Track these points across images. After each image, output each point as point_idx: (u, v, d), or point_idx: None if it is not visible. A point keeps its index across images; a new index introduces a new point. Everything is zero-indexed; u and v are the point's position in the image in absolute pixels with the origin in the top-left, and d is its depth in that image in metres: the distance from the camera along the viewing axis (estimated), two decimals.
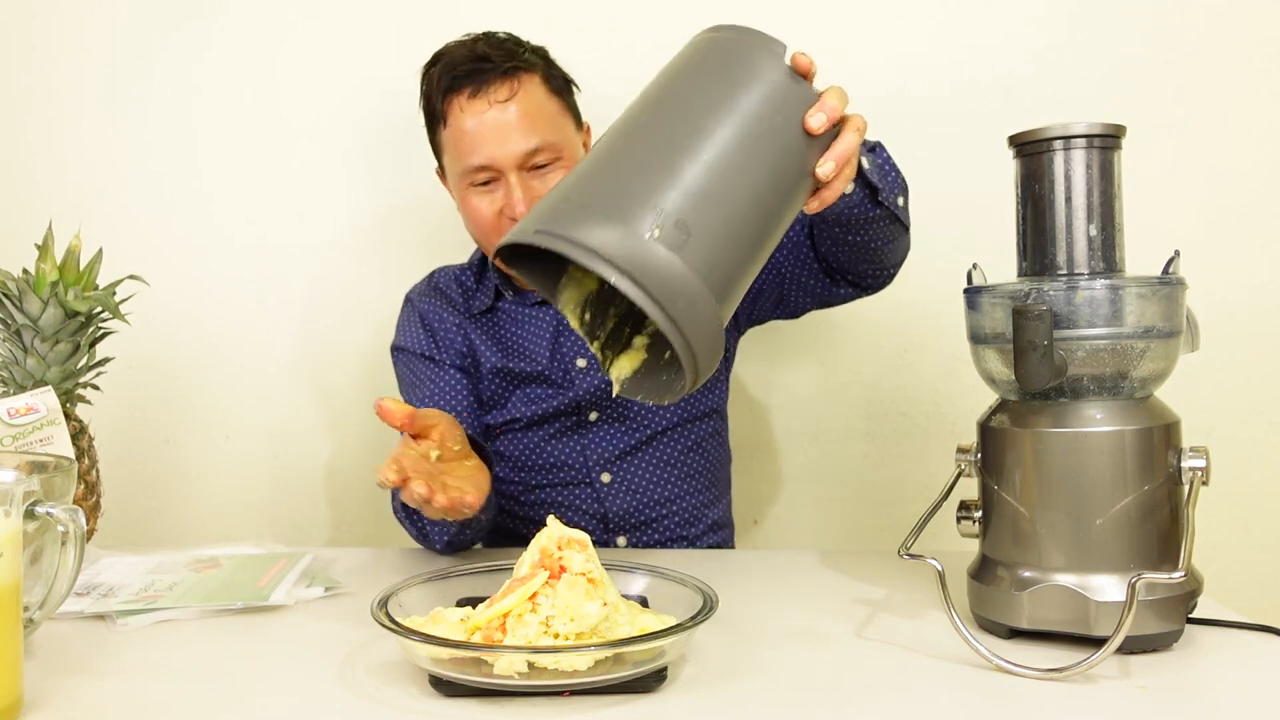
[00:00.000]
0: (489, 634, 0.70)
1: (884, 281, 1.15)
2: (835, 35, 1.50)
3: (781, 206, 0.75)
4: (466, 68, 1.15)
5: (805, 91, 0.76)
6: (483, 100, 1.14)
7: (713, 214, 0.69)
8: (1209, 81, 1.47)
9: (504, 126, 1.14)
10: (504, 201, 1.16)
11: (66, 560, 0.75)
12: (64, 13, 1.58)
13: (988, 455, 0.83)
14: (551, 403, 1.23)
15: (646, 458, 1.25)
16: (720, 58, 0.77)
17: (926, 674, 0.74)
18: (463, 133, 1.15)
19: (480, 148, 1.14)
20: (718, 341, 0.69)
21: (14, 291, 1.09)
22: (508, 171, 1.14)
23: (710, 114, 0.73)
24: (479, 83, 1.15)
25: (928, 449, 1.52)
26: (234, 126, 1.57)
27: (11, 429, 1.01)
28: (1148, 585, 0.74)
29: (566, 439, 1.24)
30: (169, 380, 1.59)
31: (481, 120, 1.14)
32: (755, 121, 0.73)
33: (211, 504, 1.60)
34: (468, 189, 1.18)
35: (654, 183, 0.69)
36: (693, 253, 0.67)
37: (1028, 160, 0.82)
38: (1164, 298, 0.78)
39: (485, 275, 1.29)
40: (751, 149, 0.72)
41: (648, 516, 1.25)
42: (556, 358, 1.24)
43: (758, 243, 0.73)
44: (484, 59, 1.16)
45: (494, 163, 1.14)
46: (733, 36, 0.78)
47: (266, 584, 0.98)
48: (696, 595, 0.77)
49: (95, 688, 0.75)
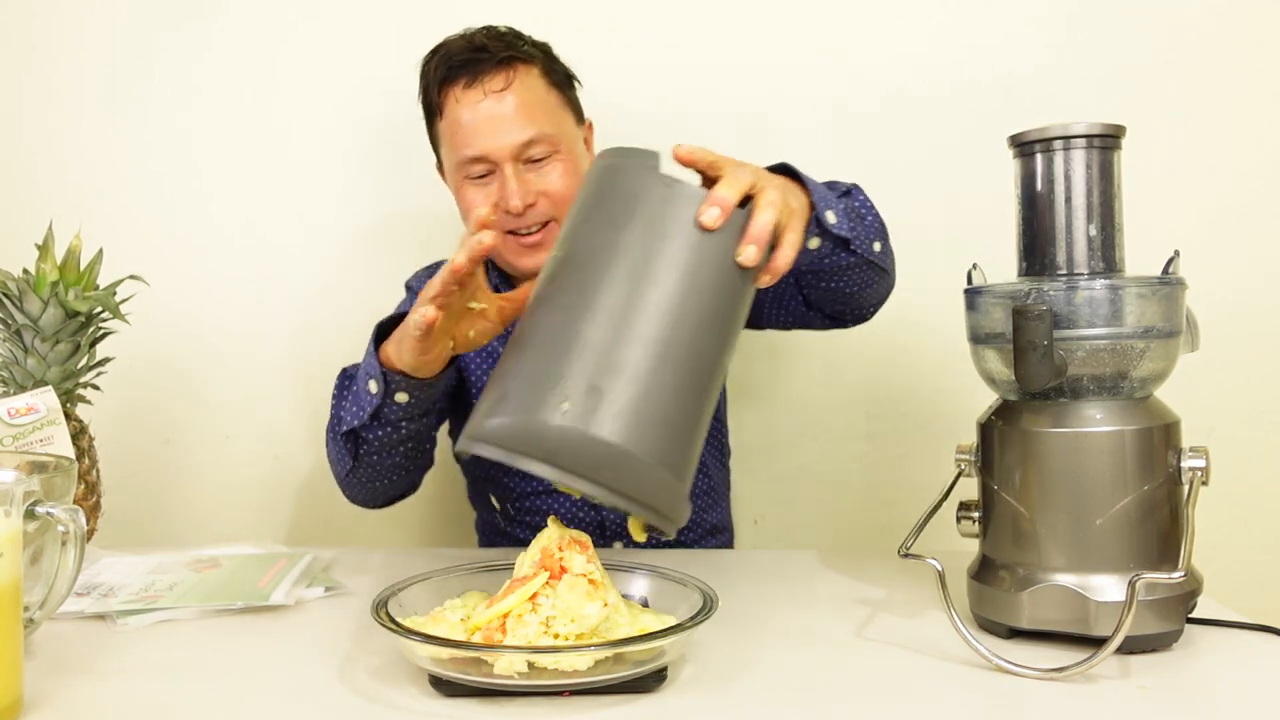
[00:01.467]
0: (489, 634, 0.70)
1: (861, 319, 1.13)
2: (835, 35, 1.50)
3: (715, 315, 0.70)
4: (463, 58, 1.14)
5: (690, 193, 0.70)
6: (478, 90, 1.13)
7: (627, 361, 0.66)
8: (1209, 81, 1.47)
9: (499, 117, 1.12)
10: (499, 194, 1.14)
11: (66, 560, 0.75)
12: (64, 13, 1.58)
13: (988, 455, 0.83)
14: None
15: None
16: (598, 196, 0.73)
17: (926, 674, 0.74)
18: (458, 124, 1.14)
19: (475, 139, 1.12)
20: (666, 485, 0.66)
21: (14, 291, 1.09)
22: (503, 163, 1.13)
23: (597, 261, 0.69)
24: (474, 73, 1.13)
25: (928, 449, 1.52)
26: (234, 127, 1.57)
27: (11, 429, 1.01)
28: (1147, 585, 0.74)
29: None
30: (169, 380, 1.59)
31: (476, 110, 1.12)
32: (642, 250, 0.69)
33: (211, 504, 1.60)
34: (464, 182, 1.16)
35: (557, 357, 0.66)
36: (610, 409, 0.64)
37: (1028, 160, 0.82)
38: (1164, 298, 0.78)
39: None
40: (649, 278, 0.68)
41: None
42: None
43: (696, 359, 0.69)
44: (481, 49, 1.14)
45: (489, 154, 1.12)
46: (605, 165, 0.74)
47: (266, 584, 0.98)
48: (696, 595, 0.77)
49: (95, 688, 0.75)
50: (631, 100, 1.46)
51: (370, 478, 1.08)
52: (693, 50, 1.50)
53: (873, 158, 1.50)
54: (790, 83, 1.50)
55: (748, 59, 1.50)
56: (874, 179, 1.24)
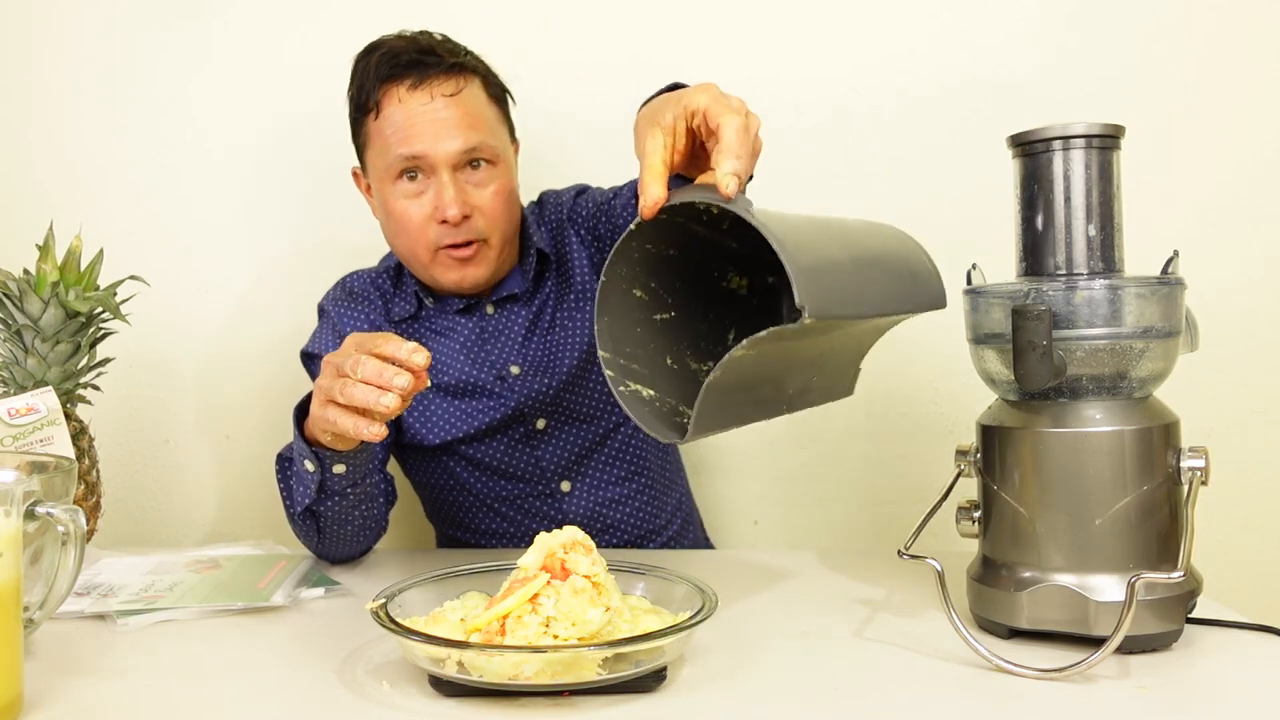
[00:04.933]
0: (489, 635, 0.70)
1: None
2: (835, 35, 1.50)
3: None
4: (409, 58, 1.11)
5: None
6: (425, 92, 1.10)
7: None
8: (1208, 81, 1.47)
9: (444, 121, 1.10)
10: (434, 204, 1.11)
11: (66, 560, 0.75)
12: (64, 12, 1.58)
13: (988, 455, 0.83)
14: (493, 414, 1.18)
15: (604, 458, 1.22)
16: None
17: (926, 674, 0.74)
18: (396, 123, 1.10)
19: (415, 140, 1.09)
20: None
21: (14, 291, 1.10)
22: (440, 168, 1.10)
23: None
24: (422, 74, 1.10)
25: (928, 449, 1.52)
26: (235, 126, 1.57)
27: (12, 429, 1.01)
28: (1147, 585, 0.74)
29: (519, 451, 1.20)
30: (169, 380, 1.59)
31: (421, 112, 1.09)
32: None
33: (211, 504, 1.60)
34: (393, 186, 1.12)
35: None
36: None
37: (1027, 160, 0.82)
38: (1163, 298, 0.78)
39: (403, 280, 1.23)
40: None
41: (610, 519, 1.22)
42: (486, 366, 1.19)
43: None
44: (429, 52, 1.12)
45: (428, 156, 1.09)
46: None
47: (266, 585, 0.98)
48: (696, 595, 0.77)
49: (95, 688, 0.75)
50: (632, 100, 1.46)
51: (340, 542, 1.07)
52: (692, 50, 1.50)
53: (873, 158, 1.50)
54: (790, 83, 1.50)
55: (747, 59, 1.50)
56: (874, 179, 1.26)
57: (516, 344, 1.20)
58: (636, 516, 1.24)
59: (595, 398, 1.21)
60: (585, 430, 1.21)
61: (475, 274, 1.15)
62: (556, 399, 1.20)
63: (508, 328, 1.21)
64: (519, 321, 1.21)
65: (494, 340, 1.20)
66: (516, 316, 1.21)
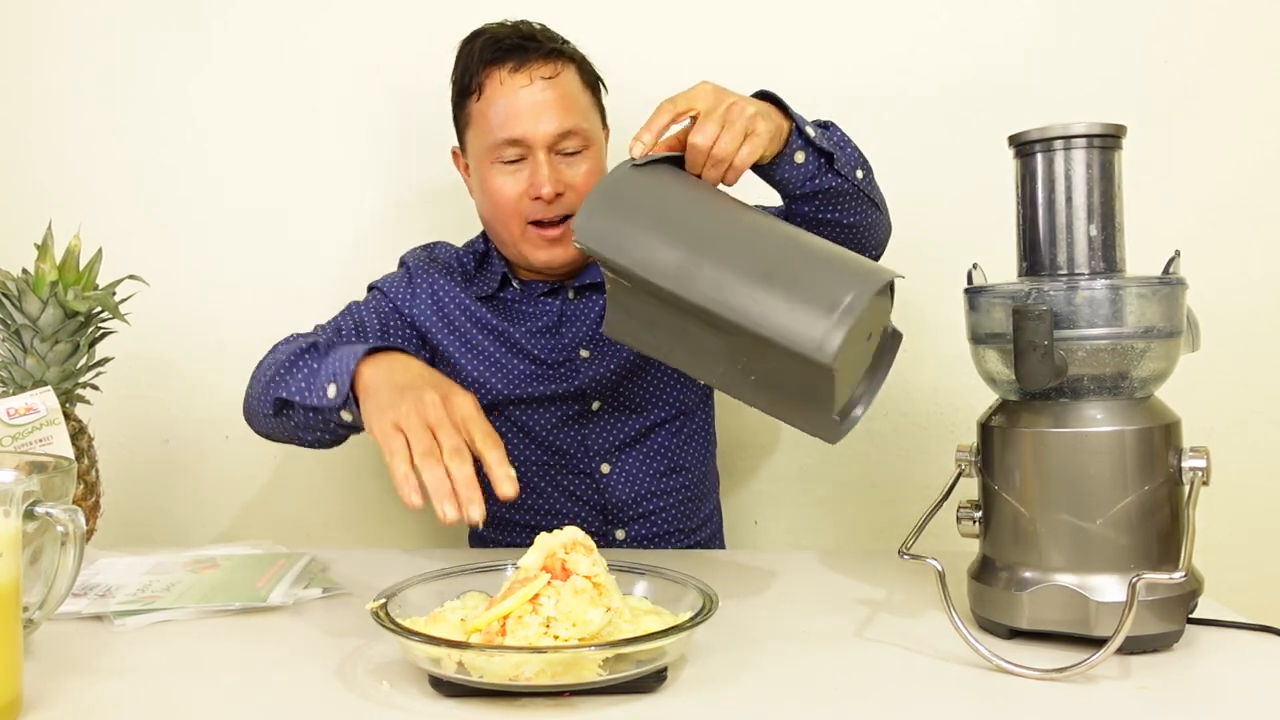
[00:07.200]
0: (489, 635, 0.70)
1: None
2: (836, 35, 1.50)
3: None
4: (511, 42, 1.16)
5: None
6: (525, 75, 1.14)
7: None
8: (1209, 81, 1.47)
9: (543, 104, 1.14)
10: (529, 181, 1.15)
11: (66, 560, 0.75)
12: (64, 12, 1.57)
13: (988, 455, 0.83)
14: (557, 387, 1.23)
15: (645, 449, 1.26)
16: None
17: (926, 674, 0.74)
18: (499, 105, 1.15)
19: (515, 122, 1.14)
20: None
21: (14, 291, 1.09)
22: (537, 149, 1.14)
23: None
24: (523, 58, 1.15)
25: (928, 449, 1.52)
26: (235, 126, 1.57)
27: (11, 429, 1.01)
28: (1148, 585, 0.73)
29: (569, 428, 1.24)
30: (169, 380, 1.59)
31: (521, 94, 1.14)
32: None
33: (211, 504, 1.60)
34: (492, 166, 1.17)
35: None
36: None
37: (1028, 160, 0.82)
38: (1164, 298, 0.78)
39: (488, 262, 1.28)
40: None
41: (645, 509, 1.25)
42: (559, 347, 1.24)
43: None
44: (529, 38, 1.17)
45: (526, 138, 1.14)
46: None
47: (264, 585, 0.98)
48: (696, 595, 0.77)
49: (94, 688, 0.75)
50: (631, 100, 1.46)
51: (278, 432, 1.09)
52: (691, 50, 1.50)
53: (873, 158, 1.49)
54: (790, 83, 1.49)
55: (747, 59, 1.50)
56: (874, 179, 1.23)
57: (590, 329, 1.24)
58: (669, 513, 1.27)
59: (649, 390, 1.26)
60: (634, 420, 1.25)
61: (563, 254, 1.19)
62: (616, 384, 1.24)
63: (585, 314, 1.25)
64: (595, 309, 1.26)
65: (570, 324, 1.25)
66: (594, 304, 1.26)
